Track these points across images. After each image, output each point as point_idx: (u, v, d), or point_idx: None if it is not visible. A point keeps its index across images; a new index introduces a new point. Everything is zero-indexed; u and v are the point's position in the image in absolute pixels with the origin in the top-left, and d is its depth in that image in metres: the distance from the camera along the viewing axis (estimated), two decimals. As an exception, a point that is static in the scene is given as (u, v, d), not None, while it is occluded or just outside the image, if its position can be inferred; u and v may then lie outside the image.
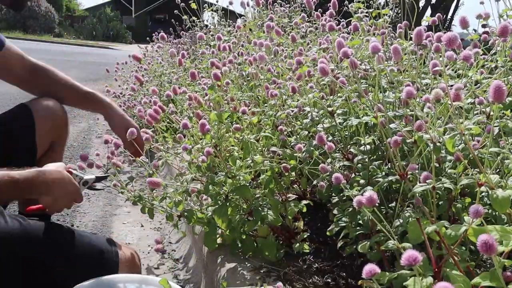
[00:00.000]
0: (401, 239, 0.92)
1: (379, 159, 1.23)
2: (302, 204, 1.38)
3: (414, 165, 0.94)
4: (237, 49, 2.21)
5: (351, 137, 1.30)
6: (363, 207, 0.77)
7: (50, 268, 1.01)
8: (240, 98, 1.69)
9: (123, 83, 4.43)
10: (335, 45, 1.10)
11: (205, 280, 1.48)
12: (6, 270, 0.96)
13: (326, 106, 1.29)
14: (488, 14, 1.33)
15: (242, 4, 3.21)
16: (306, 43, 2.06)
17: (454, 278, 0.74)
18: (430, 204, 0.93)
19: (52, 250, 1.02)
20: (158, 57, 4.21)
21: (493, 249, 0.58)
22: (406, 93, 0.86)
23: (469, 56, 0.83)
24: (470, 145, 0.83)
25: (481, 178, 0.80)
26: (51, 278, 1.02)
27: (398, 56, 1.04)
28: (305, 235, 1.39)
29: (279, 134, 1.44)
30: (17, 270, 0.98)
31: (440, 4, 12.38)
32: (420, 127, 0.90)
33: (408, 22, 1.74)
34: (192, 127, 1.42)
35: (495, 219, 0.93)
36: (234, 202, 1.36)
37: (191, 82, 2.01)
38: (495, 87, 0.69)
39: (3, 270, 0.96)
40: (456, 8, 14.49)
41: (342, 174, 1.14)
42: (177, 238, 2.00)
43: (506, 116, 1.12)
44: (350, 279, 1.23)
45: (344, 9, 2.22)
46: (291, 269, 1.27)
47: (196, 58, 3.22)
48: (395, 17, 2.22)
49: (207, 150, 1.29)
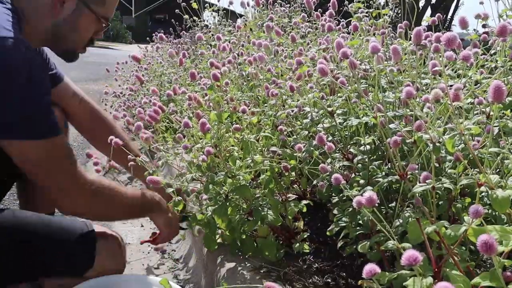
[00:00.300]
0: (401, 239, 0.92)
1: (379, 159, 1.23)
2: (302, 204, 1.38)
3: (414, 165, 0.94)
4: (237, 49, 2.21)
5: (351, 137, 1.30)
6: (363, 208, 0.77)
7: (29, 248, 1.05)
8: (240, 98, 1.69)
9: (123, 83, 4.43)
10: (335, 45, 1.10)
11: (205, 280, 1.48)
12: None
13: (326, 106, 1.29)
14: (487, 14, 1.33)
15: (242, 4, 3.21)
16: (306, 43, 2.05)
17: (454, 278, 0.74)
18: (430, 204, 0.93)
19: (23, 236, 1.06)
20: (158, 57, 4.21)
21: (493, 249, 0.58)
22: (406, 93, 0.86)
23: (469, 56, 0.83)
24: (470, 145, 0.83)
25: (481, 178, 0.80)
26: (30, 258, 1.05)
27: (398, 57, 1.04)
28: (305, 235, 1.39)
29: (279, 134, 1.44)
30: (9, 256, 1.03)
31: (440, 4, 12.39)
32: (420, 127, 0.90)
33: (408, 22, 1.74)
34: (192, 126, 1.42)
35: (495, 219, 0.93)
36: (234, 202, 1.36)
37: (191, 82, 2.01)
38: (495, 87, 0.69)
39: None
40: (456, 8, 14.50)
41: (342, 174, 1.14)
42: (177, 238, 2.00)
43: (506, 116, 1.12)
44: (350, 279, 1.23)
45: (344, 9, 2.22)
46: (291, 269, 1.27)
47: (196, 58, 3.22)
48: (395, 17, 2.22)
49: (207, 150, 1.29)
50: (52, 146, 1.01)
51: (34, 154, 0.99)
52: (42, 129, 0.99)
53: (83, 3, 1.13)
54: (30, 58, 0.97)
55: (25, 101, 0.95)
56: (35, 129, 0.98)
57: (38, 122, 0.99)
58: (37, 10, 1.10)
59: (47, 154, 1.00)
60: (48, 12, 1.11)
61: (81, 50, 1.22)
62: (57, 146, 1.03)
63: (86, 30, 1.18)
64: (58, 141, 1.03)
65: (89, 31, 1.19)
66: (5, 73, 0.93)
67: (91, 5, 1.14)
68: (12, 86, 0.93)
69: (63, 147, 1.05)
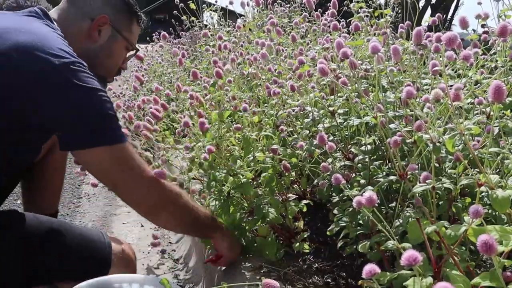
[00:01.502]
0: (401, 239, 0.92)
1: (379, 159, 1.23)
2: (302, 204, 1.38)
3: (414, 165, 0.94)
4: (237, 49, 2.21)
5: (352, 137, 1.30)
6: (363, 207, 0.77)
7: (42, 255, 1.05)
8: (242, 97, 1.69)
9: (123, 83, 4.43)
10: (335, 45, 1.10)
11: (205, 280, 1.48)
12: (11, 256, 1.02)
13: (326, 106, 1.29)
14: (487, 14, 1.32)
15: (242, 4, 3.21)
16: (306, 43, 2.05)
17: (454, 278, 0.74)
18: (430, 204, 0.93)
19: (45, 239, 1.07)
20: (158, 57, 4.21)
21: (493, 249, 0.58)
22: (406, 93, 0.86)
23: (469, 56, 0.83)
24: (470, 145, 0.83)
25: (481, 178, 0.80)
26: (44, 265, 1.06)
27: (398, 57, 1.04)
28: (305, 235, 1.39)
29: (279, 134, 1.44)
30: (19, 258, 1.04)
31: (440, 4, 12.39)
32: (420, 127, 0.90)
33: (409, 22, 1.74)
34: (193, 124, 1.42)
35: (495, 219, 0.93)
36: (236, 200, 1.36)
37: (192, 81, 2.01)
38: (495, 87, 0.69)
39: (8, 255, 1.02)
40: (456, 8, 14.50)
41: (343, 174, 1.14)
42: (177, 238, 2.00)
43: (506, 116, 1.12)
44: (350, 279, 1.23)
45: (344, 9, 2.22)
46: (291, 269, 1.27)
47: (195, 58, 3.22)
48: (395, 17, 2.22)
49: (209, 148, 1.30)
50: (124, 149, 1.04)
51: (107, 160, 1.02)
52: (117, 135, 1.03)
53: (117, 30, 1.17)
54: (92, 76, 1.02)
55: (102, 113, 1.00)
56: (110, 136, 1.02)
57: (111, 130, 1.02)
58: (76, 34, 1.13)
59: (118, 161, 1.03)
60: (85, 38, 1.14)
61: (111, 78, 1.26)
62: (127, 149, 1.05)
63: (119, 56, 1.22)
64: (127, 145, 1.05)
65: (121, 58, 1.23)
66: (85, 92, 0.97)
67: (123, 32, 1.19)
68: (93, 101, 0.98)
69: (133, 151, 1.08)
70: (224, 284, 1.16)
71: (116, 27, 1.17)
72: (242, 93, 1.76)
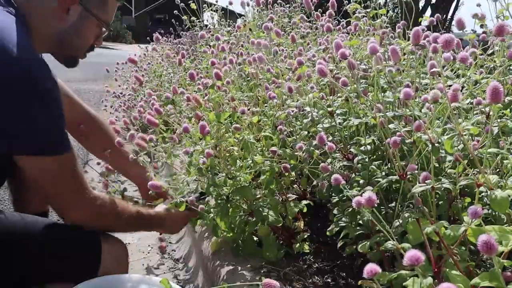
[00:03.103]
0: (401, 239, 0.92)
1: (379, 159, 1.23)
2: (302, 204, 1.38)
3: (413, 166, 0.94)
4: (237, 49, 2.21)
5: (351, 137, 1.30)
6: (362, 208, 0.77)
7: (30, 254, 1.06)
8: (241, 98, 1.69)
9: (123, 83, 4.43)
10: (333, 46, 1.10)
11: (205, 280, 1.48)
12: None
13: (325, 106, 1.29)
14: (484, 14, 1.32)
15: (242, 4, 3.21)
16: (306, 43, 2.05)
17: (453, 278, 0.74)
18: (430, 204, 0.93)
19: (30, 239, 1.07)
20: (158, 57, 4.21)
21: (494, 250, 0.58)
22: (404, 95, 0.86)
23: (466, 58, 0.83)
24: (469, 145, 0.83)
25: (480, 179, 0.80)
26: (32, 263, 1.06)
27: (396, 57, 1.04)
28: (305, 235, 1.39)
29: (279, 134, 1.44)
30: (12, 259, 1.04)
31: (440, 4, 12.37)
32: (419, 127, 0.90)
33: (407, 22, 1.74)
34: (192, 126, 1.42)
35: (494, 219, 0.93)
36: (235, 203, 1.36)
37: (191, 82, 2.01)
38: (492, 88, 0.69)
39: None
40: (456, 8, 14.48)
41: (342, 174, 1.14)
42: (177, 238, 2.00)
43: (505, 116, 1.12)
44: (350, 279, 1.23)
45: (343, 8, 2.22)
46: (291, 269, 1.28)
47: (196, 58, 3.22)
48: (395, 17, 2.22)
49: (207, 152, 1.30)
50: (65, 161, 1.04)
51: (48, 169, 1.02)
52: (58, 146, 1.02)
53: (86, 9, 1.13)
54: (52, 78, 1.00)
55: (46, 120, 0.98)
56: (53, 146, 1.01)
57: (55, 139, 1.02)
58: (42, 16, 1.09)
59: (60, 169, 1.03)
60: (52, 19, 1.10)
61: (82, 56, 1.23)
62: (69, 161, 1.05)
63: (89, 35, 1.18)
64: (70, 157, 1.05)
65: (92, 37, 1.19)
66: (31, 94, 0.95)
67: (93, 10, 1.14)
68: (39, 105, 0.97)
69: (74, 162, 1.07)
70: (224, 284, 1.17)
71: (85, 6, 1.13)
72: (242, 93, 1.76)
